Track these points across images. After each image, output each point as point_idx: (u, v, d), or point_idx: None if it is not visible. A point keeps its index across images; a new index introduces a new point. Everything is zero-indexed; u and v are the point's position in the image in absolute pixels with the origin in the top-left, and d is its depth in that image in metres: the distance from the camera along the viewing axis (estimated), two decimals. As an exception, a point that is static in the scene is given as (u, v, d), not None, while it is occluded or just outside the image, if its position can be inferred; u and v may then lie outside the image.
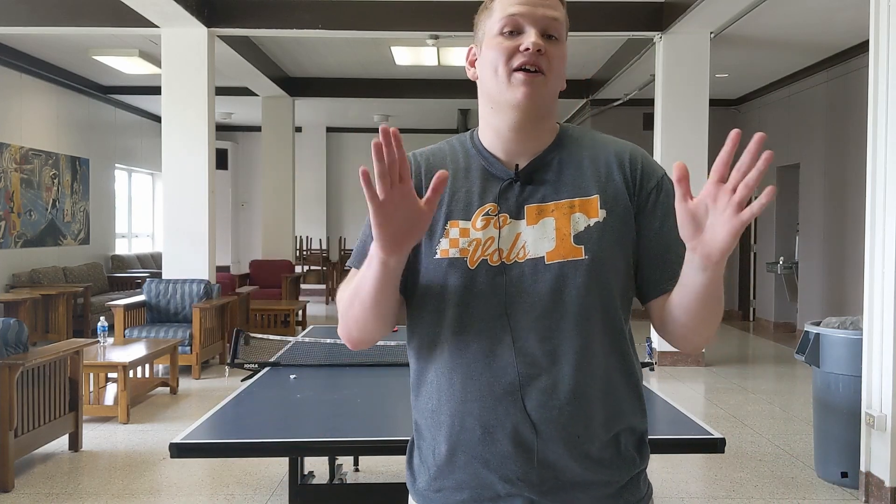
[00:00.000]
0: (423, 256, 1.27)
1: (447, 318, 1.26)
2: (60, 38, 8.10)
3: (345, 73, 10.25)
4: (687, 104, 7.27)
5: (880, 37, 3.90)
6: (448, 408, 1.26)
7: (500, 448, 1.22)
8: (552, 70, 1.24)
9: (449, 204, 1.28)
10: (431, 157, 1.35)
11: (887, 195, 3.84)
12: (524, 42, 1.21)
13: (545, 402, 1.21)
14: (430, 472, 1.30)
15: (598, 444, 1.24)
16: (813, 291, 9.11)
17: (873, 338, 3.90)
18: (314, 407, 2.71)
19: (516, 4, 1.23)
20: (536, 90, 1.22)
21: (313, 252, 12.96)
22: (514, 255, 1.24)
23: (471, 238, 1.25)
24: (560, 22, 1.25)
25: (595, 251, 1.23)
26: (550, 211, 1.25)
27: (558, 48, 1.24)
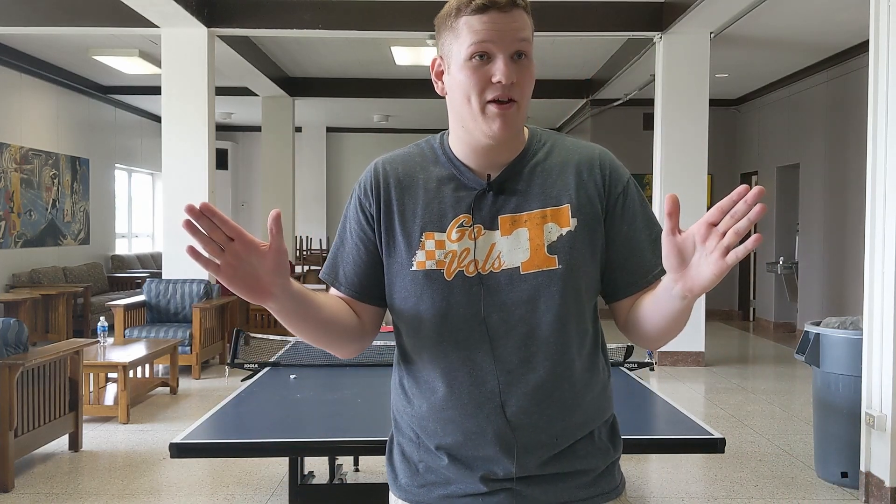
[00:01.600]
0: (399, 269, 1.30)
1: (427, 329, 1.29)
2: (60, 38, 8.10)
3: (345, 73, 10.25)
4: (687, 104, 7.27)
5: (880, 37, 3.90)
6: (431, 413, 1.30)
7: (482, 452, 1.28)
8: (524, 95, 1.25)
9: (423, 216, 1.29)
10: (400, 165, 1.34)
11: (887, 195, 3.84)
12: (496, 74, 1.21)
13: (525, 407, 1.26)
14: (413, 468, 1.35)
15: (575, 441, 1.30)
16: (813, 291, 9.11)
17: (873, 338, 3.90)
18: (314, 407, 2.71)
19: (484, 29, 1.20)
20: (510, 121, 1.23)
21: (313, 252, 12.96)
22: (489, 266, 1.27)
23: (447, 250, 1.27)
24: (528, 41, 1.24)
25: (568, 260, 1.26)
26: (524, 221, 1.28)
27: (528, 68, 1.24)
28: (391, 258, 1.31)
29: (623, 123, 10.79)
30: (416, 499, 1.34)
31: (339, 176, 14.83)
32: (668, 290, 1.18)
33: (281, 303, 1.19)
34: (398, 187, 1.32)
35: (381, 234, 1.32)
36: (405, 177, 1.33)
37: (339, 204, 14.81)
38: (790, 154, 9.71)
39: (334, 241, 1.40)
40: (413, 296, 1.29)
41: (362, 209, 1.34)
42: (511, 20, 1.22)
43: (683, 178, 7.27)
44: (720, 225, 1.08)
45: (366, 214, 1.33)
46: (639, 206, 1.33)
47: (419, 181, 1.32)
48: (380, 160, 1.37)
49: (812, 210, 9.15)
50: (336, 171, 14.82)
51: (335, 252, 1.38)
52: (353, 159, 14.83)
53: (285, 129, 10.91)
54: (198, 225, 1.08)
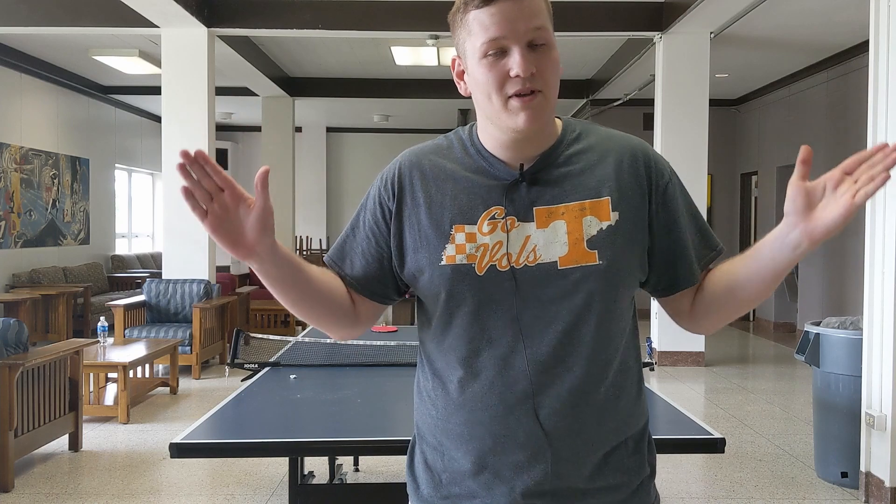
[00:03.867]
0: (428, 263, 1.23)
1: (457, 327, 1.22)
2: (60, 38, 8.10)
3: (345, 73, 10.25)
4: (687, 104, 7.27)
5: (880, 37, 3.90)
6: (459, 417, 1.23)
7: (512, 458, 1.20)
8: (548, 83, 1.17)
9: (451, 208, 1.23)
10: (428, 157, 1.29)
11: (887, 195, 3.84)
12: (513, 67, 1.14)
13: (558, 410, 1.19)
14: (436, 479, 1.27)
15: (609, 449, 1.23)
16: (813, 291, 9.11)
17: (873, 338, 3.90)
18: (314, 407, 2.71)
19: (495, 24, 1.14)
20: (537, 112, 1.17)
21: (313, 252, 12.96)
22: (523, 260, 1.20)
23: (478, 243, 1.21)
24: (545, 27, 1.16)
25: (609, 256, 1.20)
26: (561, 213, 1.21)
27: (549, 55, 1.17)
28: (418, 252, 1.24)
29: (623, 123, 10.78)
30: None
31: (339, 176, 14.83)
32: (782, 238, 1.14)
33: (265, 265, 1.17)
34: (424, 179, 1.26)
35: (401, 230, 1.26)
36: (432, 168, 1.27)
37: (339, 204, 14.81)
38: (790, 154, 9.71)
39: (347, 226, 1.34)
40: (443, 291, 1.22)
41: (380, 202, 1.28)
42: (521, 8, 1.14)
43: (683, 178, 7.04)
44: (856, 173, 1.07)
45: (383, 208, 1.28)
46: (682, 197, 1.28)
47: (447, 172, 1.26)
48: (406, 152, 1.32)
49: (812, 210, 9.13)
50: (336, 171, 14.82)
51: (345, 238, 1.33)
52: (353, 159, 14.83)
53: (285, 129, 10.91)
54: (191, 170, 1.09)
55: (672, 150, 7.26)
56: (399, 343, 3.72)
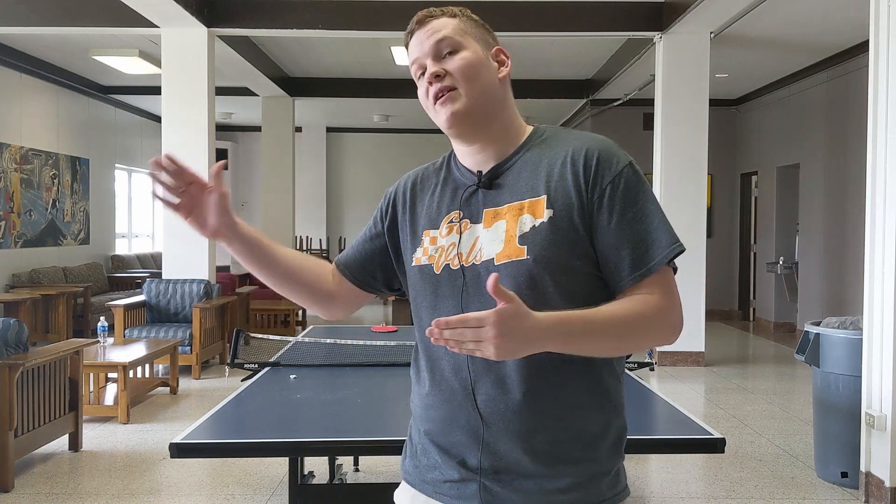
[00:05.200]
0: (406, 267, 1.42)
1: (421, 320, 1.38)
2: (60, 38, 8.11)
3: (345, 73, 10.25)
4: (687, 104, 7.27)
5: (880, 37, 3.90)
6: (419, 400, 1.40)
7: (455, 438, 1.32)
8: (461, 78, 1.31)
9: (425, 216, 1.40)
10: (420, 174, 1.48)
11: (887, 195, 3.84)
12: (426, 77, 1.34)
13: (493, 397, 1.28)
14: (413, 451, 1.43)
15: (550, 440, 1.27)
16: (813, 291, 9.11)
17: (873, 338, 3.90)
18: (314, 407, 2.71)
19: (413, 51, 1.37)
20: (454, 105, 1.31)
21: (313, 252, 12.97)
22: (472, 258, 1.31)
23: (438, 245, 1.36)
24: (448, 37, 1.33)
25: (537, 251, 1.25)
26: (504, 213, 1.31)
27: (459, 56, 1.32)
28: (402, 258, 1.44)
29: (623, 123, 10.79)
30: (412, 479, 1.42)
31: (339, 176, 14.83)
32: None
33: (233, 243, 1.40)
34: (412, 192, 1.45)
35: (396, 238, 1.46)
36: (420, 183, 1.45)
37: (339, 204, 14.81)
38: (790, 154, 9.71)
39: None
40: (413, 290, 1.40)
41: (381, 210, 1.50)
42: (428, 31, 1.35)
43: (683, 178, 7.27)
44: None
45: (381, 213, 1.49)
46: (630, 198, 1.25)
47: (430, 186, 1.43)
48: (409, 172, 1.51)
49: (812, 210, 9.15)
50: (336, 171, 14.82)
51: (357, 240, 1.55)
52: (353, 159, 14.82)
53: (285, 129, 10.91)
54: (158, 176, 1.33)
55: (672, 150, 7.26)
56: (399, 343, 3.72)
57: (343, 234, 14.53)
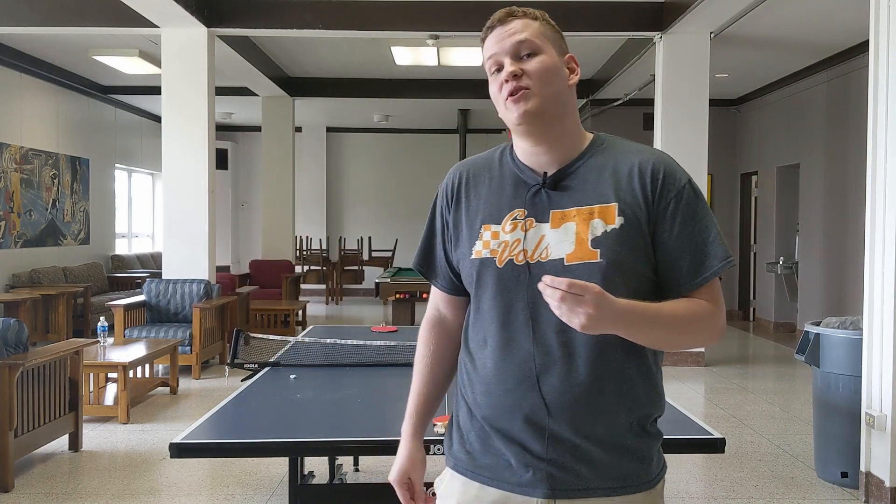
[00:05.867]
0: (462, 258, 1.46)
1: (481, 311, 1.43)
2: (60, 38, 8.10)
3: (345, 73, 10.24)
4: (687, 104, 7.27)
5: (880, 37, 3.90)
6: (478, 387, 1.43)
7: (518, 425, 1.37)
8: (537, 80, 1.38)
9: (484, 210, 1.45)
10: (472, 167, 1.52)
11: (887, 195, 3.84)
12: (502, 75, 1.40)
13: (559, 388, 1.35)
14: (464, 437, 1.46)
15: (610, 429, 1.37)
16: (813, 291, 9.11)
17: (873, 338, 3.90)
18: (314, 407, 2.71)
19: (492, 46, 1.42)
20: (526, 104, 1.37)
21: (313, 252, 12.95)
22: (537, 256, 1.38)
23: (500, 240, 1.41)
24: (529, 39, 1.39)
25: (609, 255, 1.34)
26: (572, 216, 1.38)
27: (537, 59, 1.39)
28: (458, 249, 1.48)
29: (623, 123, 10.78)
30: (463, 466, 1.45)
31: (339, 176, 14.83)
32: None
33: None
34: (467, 185, 1.49)
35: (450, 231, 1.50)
36: (474, 177, 1.50)
37: (339, 204, 14.80)
38: (790, 154, 9.71)
39: (423, 236, 1.57)
40: (472, 282, 1.44)
41: (441, 214, 1.54)
42: (509, 30, 1.40)
43: (683, 178, 7.26)
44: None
45: (442, 218, 1.53)
46: (692, 212, 1.39)
47: (485, 180, 1.48)
48: (458, 164, 1.55)
49: (812, 210, 9.15)
50: (336, 171, 14.81)
51: (424, 248, 1.57)
52: (353, 159, 14.82)
53: (285, 129, 10.91)
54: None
55: (672, 150, 7.22)
56: (399, 343, 3.72)
57: (343, 234, 14.53)
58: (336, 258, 13.43)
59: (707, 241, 1.38)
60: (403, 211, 14.40)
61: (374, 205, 14.69)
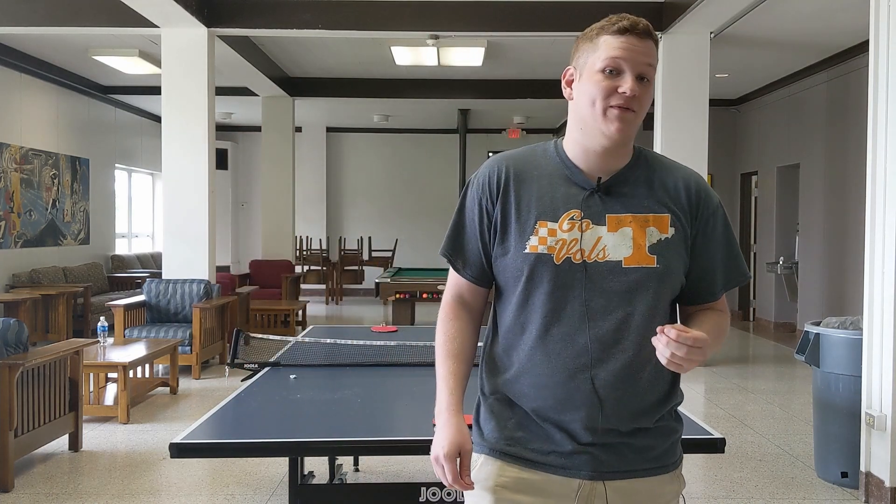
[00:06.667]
0: (514, 250, 1.49)
1: (533, 305, 1.48)
2: (60, 38, 8.10)
3: (345, 73, 10.24)
4: (687, 104, 7.27)
5: (880, 37, 3.90)
6: (527, 379, 1.49)
7: (570, 416, 1.46)
8: (641, 109, 1.45)
9: (537, 206, 1.49)
10: (517, 162, 1.55)
11: (887, 195, 3.84)
12: (622, 85, 1.42)
13: (611, 382, 1.45)
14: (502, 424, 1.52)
15: (650, 417, 1.50)
16: (813, 291, 9.11)
17: (873, 338, 3.90)
18: (314, 407, 2.72)
19: (620, 48, 1.43)
20: (627, 126, 1.44)
21: (313, 252, 12.95)
22: (594, 256, 1.46)
23: (557, 238, 1.47)
24: (653, 67, 1.46)
25: (665, 262, 1.47)
26: (628, 222, 1.47)
27: (648, 90, 1.45)
28: (505, 241, 1.50)
29: (623, 123, 10.77)
30: (503, 449, 1.51)
31: (339, 176, 14.82)
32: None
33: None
34: (515, 180, 1.52)
35: (496, 224, 1.52)
36: (521, 172, 1.53)
37: (339, 204, 14.80)
38: (790, 154, 9.71)
39: (452, 224, 1.58)
40: (522, 275, 1.48)
41: (480, 204, 1.54)
42: (643, 46, 1.44)
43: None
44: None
45: (482, 209, 1.54)
46: (723, 229, 1.54)
47: (533, 176, 1.52)
48: (498, 157, 1.57)
49: (812, 210, 9.15)
50: (336, 171, 14.81)
51: (454, 236, 1.58)
52: (353, 159, 14.81)
53: (285, 129, 10.91)
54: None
55: (672, 150, 7.26)
56: (399, 343, 3.72)
57: (343, 234, 14.52)
58: (336, 258, 13.43)
59: (735, 256, 1.56)
60: (403, 211, 14.39)
61: (374, 205, 14.68)
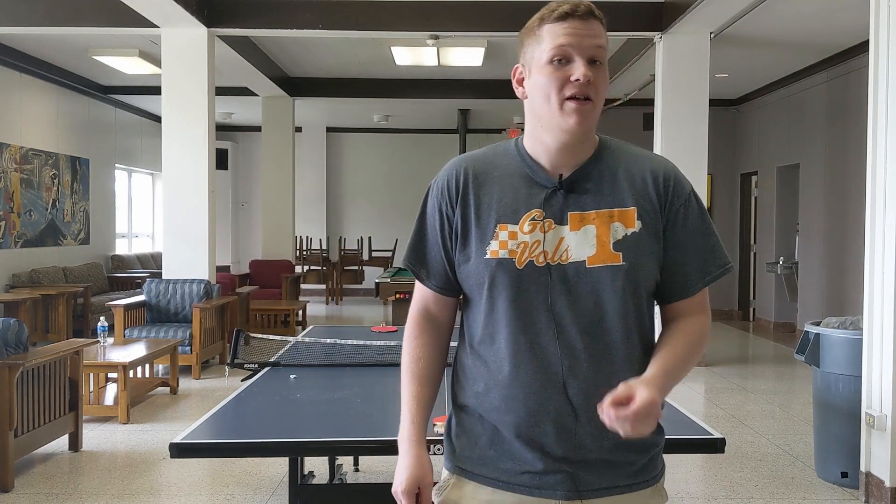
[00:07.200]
0: (475, 257, 1.40)
1: (498, 313, 1.39)
2: (60, 38, 8.10)
3: (345, 73, 10.24)
4: (687, 104, 7.27)
5: (880, 37, 3.90)
6: (497, 392, 1.39)
7: (543, 429, 1.36)
8: (599, 95, 1.36)
9: (498, 209, 1.40)
10: (477, 163, 1.46)
11: (887, 195, 3.84)
12: (574, 73, 1.33)
13: (585, 389, 1.35)
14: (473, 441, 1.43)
15: None
16: (813, 291, 9.11)
17: (873, 338, 3.90)
18: (314, 407, 2.71)
19: (564, 35, 1.34)
20: (586, 117, 1.35)
21: (313, 252, 12.95)
22: (557, 258, 1.37)
23: (519, 241, 1.38)
24: (604, 48, 1.37)
25: (632, 259, 1.37)
26: (591, 219, 1.38)
27: (602, 73, 1.37)
28: (466, 247, 1.42)
29: (623, 123, 10.78)
30: (474, 470, 1.42)
31: (339, 176, 14.82)
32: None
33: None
34: (475, 183, 1.43)
35: (457, 229, 1.43)
36: (481, 173, 1.44)
37: (339, 204, 14.79)
38: (790, 154, 9.71)
39: (413, 233, 1.50)
40: (484, 281, 1.39)
41: (440, 210, 1.46)
42: (589, 27, 1.35)
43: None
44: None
45: (442, 214, 1.45)
46: (697, 218, 1.43)
47: (494, 178, 1.43)
48: (457, 160, 1.49)
49: (812, 210, 9.15)
50: (336, 171, 14.81)
51: (416, 245, 1.50)
52: (353, 159, 14.82)
53: (285, 129, 10.91)
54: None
55: (672, 150, 7.26)
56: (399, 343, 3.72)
57: (343, 234, 14.52)
58: (336, 258, 13.43)
59: (712, 247, 1.44)
60: (403, 211, 14.39)
61: (374, 205, 14.68)
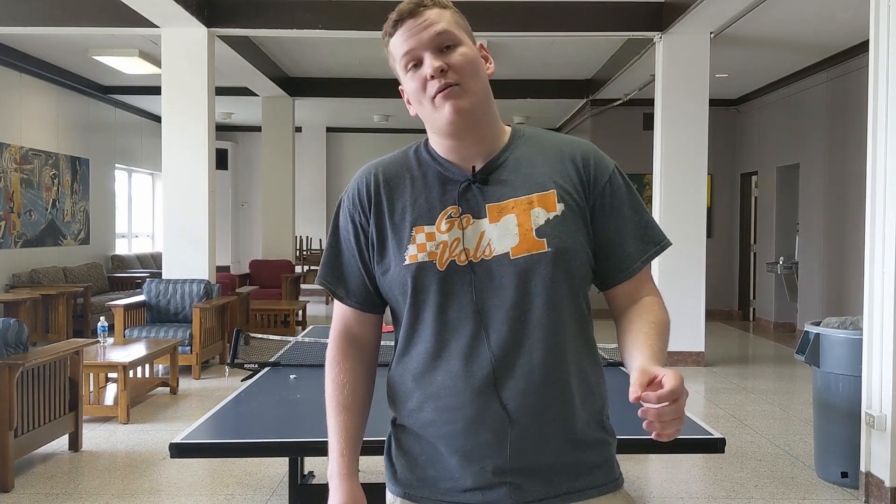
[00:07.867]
0: (394, 265, 1.32)
1: (425, 321, 1.31)
2: (60, 38, 8.10)
3: (345, 73, 10.25)
4: (687, 104, 7.27)
5: (880, 37, 3.90)
6: (431, 405, 1.31)
7: (480, 439, 1.27)
8: (464, 74, 1.29)
9: (412, 211, 1.33)
10: (386, 168, 1.39)
11: (887, 195, 3.84)
12: (425, 71, 1.29)
13: (521, 391, 1.26)
14: (413, 462, 1.36)
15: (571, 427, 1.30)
16: (813, 291, 9.11)
17: (873, 338, 3.90)
18: (314, 407, 2.71)
19: (403, 42, 1.31)
20: (459, 100, 1.28)
21: (313, 252, 12.95)
22: (480, 254, 1.29)
23: (437, 241, 1.30)
24: (448, 30, 1.30)
25: (557, 243, 1.29)
26: (511, 208, 1.30)
27: (458, 52, 1.30)
28: (384, 257, 1.34)
29: (623, 123, 10.78)
30: (417, 493, 1.35)
31: (339, 176, 14.83)
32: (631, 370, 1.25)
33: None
34: (387, 188, 1.36)
35: (373, 239, 1.35)
36: (392, 178, 1.37)
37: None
38: (790, 154, 9.71)
39: (327, 248, 1.42)
40: (407, 290, 1.31)
41: (353, 221, 1.38)
42: (422, 21, 1.29)
43: (683, 178, 7.27)
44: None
45: (356, 226, 1.37)
46: (625, 195, 1.36)
47: (406, 180, 1.36)
48: (366, 167, 1.41)
49: (812, 210, 9.15)
50: (336, 171, 14.82)
51: (331, 261, 1.41)
52: (353, 159, 14.82)
53: (285, 129, 10.91)
54: None
55: (672, 150, 7.26)
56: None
57: (343, 234, 14.54)
58: (336, 258, 13.43)
59: (646, 223, 1.37)
60: (403, 211, 14.39)
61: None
